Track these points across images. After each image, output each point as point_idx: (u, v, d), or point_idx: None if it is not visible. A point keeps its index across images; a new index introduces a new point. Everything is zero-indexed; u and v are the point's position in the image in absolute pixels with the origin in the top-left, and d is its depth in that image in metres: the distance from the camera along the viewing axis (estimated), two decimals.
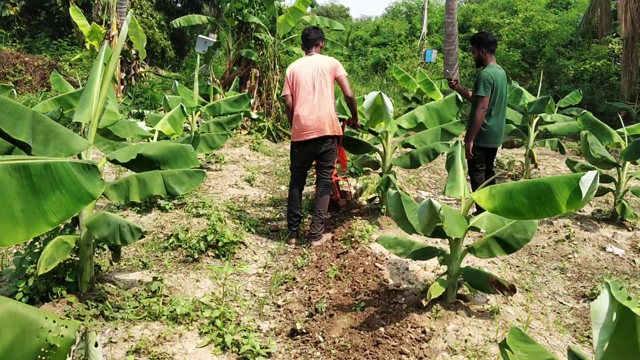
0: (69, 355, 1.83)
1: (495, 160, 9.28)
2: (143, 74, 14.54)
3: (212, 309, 3.74)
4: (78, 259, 3.78)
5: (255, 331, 3.71)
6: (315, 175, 5.88)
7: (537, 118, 8.08)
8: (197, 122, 10.51)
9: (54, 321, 1.80)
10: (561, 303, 4.49)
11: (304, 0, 12.75)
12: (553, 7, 25.93)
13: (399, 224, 3.64)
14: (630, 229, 5.86)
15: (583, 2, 26.88)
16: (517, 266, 5.16)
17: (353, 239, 5.19)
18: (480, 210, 6.30)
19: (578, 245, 5.51)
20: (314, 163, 5.62)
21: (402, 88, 21.72)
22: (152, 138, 5.94)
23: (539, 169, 8.51)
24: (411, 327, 3.51)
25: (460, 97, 5.99)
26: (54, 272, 3.55)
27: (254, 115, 12.55)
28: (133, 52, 14.20)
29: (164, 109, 7.86)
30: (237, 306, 4.10)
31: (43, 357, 1.75)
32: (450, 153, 4.25)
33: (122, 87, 13.98)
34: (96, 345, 2.01)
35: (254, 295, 4.43)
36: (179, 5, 24.20)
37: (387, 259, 4.76)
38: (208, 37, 19.14)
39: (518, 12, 25.95)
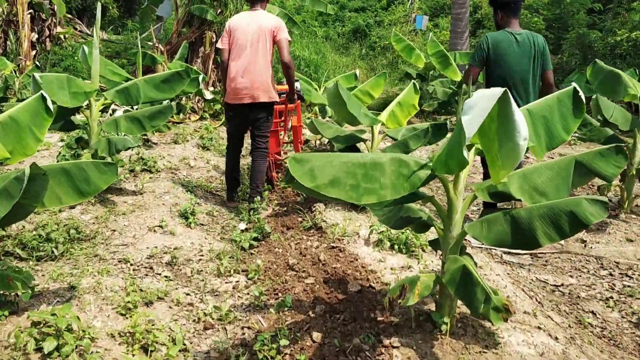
0: None
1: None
2: (63, 36, 11.02)
3: None
4: None
5: None
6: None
7: None
8: (111, 112, 7.29)
9: None
10: None
11: None
12: None
13: None
14: None
15: None
16: None
17: None
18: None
19: None
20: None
21: (392, 59, 18.62)
22: None
23: None
24: None
25: (581, 95, 2.94)
26: None
27: (208, 95, 9.29)
28: (48, 6, 10.65)
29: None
30: None
31: None
32: None
33: (33, 52, 10.48)
34: None
35: None
36: None
37: None
38: None
39: None
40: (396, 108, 5.34)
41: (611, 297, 3.85)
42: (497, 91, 1.88)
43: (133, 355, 2.78)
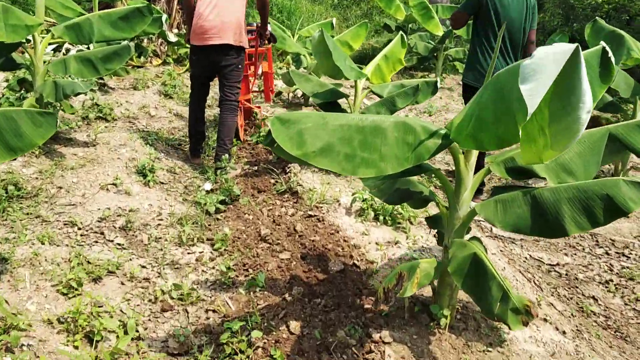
0: None
1: None
2: None
3: None
4: None
5: None
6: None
7: None
8: (64, 52, 6.59)
9: None
10: None
11: None
12: None
13: None
14: None
15: None
16: None
17: None
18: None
19: None
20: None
21: (367, 10, 17.89)
22: None
23: None
24: None
25: (611, 55, 2.51)
26: None
27: (172, 37, 8.54)
28: None
29: None
30: None
31: None
32: None
33: None
34: None
35: None
36: None
37: None
38: None
39: None
40: (382, 62, 4.85)
41: (611, 280, 3.55)
42: (567, 48, 1.41)
43: (75, 347, 2.32)
